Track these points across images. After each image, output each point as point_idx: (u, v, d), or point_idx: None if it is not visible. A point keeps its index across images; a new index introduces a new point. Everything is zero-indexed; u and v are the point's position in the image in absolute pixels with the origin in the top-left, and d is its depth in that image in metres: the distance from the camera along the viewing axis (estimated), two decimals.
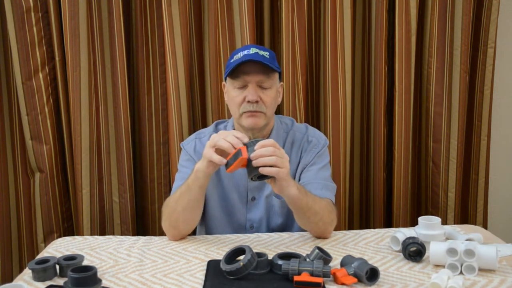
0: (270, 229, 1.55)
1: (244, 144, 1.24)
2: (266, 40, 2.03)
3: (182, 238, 1.44)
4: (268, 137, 1.52)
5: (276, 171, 1.21)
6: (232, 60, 1.45)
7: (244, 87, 1.43)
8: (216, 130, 1.58)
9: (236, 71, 1.41)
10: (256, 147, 1.22)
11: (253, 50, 1.42)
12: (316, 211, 1.35)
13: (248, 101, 1.41)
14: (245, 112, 1.43)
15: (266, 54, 1.44)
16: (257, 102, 1.41)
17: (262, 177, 1.24)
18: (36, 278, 1.15)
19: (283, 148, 1.53)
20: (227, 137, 1.25)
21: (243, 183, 1.53)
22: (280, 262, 1.14)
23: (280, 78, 1.55)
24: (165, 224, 1.43)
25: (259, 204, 1.54)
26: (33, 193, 2.02)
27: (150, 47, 2.00)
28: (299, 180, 1.51)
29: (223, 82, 1.54)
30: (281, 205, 1.52)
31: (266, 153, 1.21)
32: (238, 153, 1.22)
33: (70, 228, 2.07)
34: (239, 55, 1.43)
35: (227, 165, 1.24)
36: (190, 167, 1.51)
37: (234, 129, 1.53)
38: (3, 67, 1.98)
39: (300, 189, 1.32)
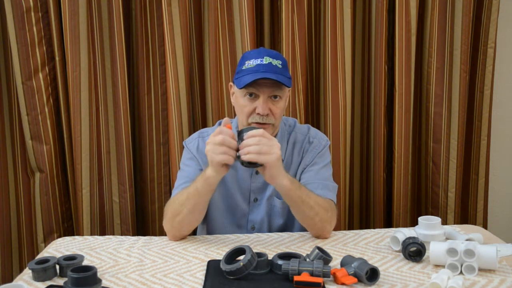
0: (271, 230, 1.55)
1: (238, 132, 1.29)
2: (266, 40, 2.03)
3: (182, 238, 1.44)
4: None
5: (256, 157, 1.23)
6: (243, 68, 1.42)
7: (254, 97, 1.41)
8: None
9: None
10: (244, 137, 1.25)
11: (266, 60, 1.40)
12: (311, 205, 1.35)
13: (258, 113, 1.40)
14: (253, 123, 1.42)
15: (279, 63, 1.41)
16: (267, 115, 1.41)
17: (252, 163, 1.26)
18: (36, 278, 1.15)
19: (286, 149, 1.54)
20: (220, 149, 1.24)
21: (246, 185, 1.53)
22: (280, 262, 1.14)
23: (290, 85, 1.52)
24: (167, 225, 1.42)
25: (261, 205, 1.54)
26: (33, 193, 2.02)
27: (150, 47, 2.00)
28: (300, 180, 1.52)
29: (230, 83, 1.53)
30: (282, 206, 1.52)
31: (251, 142, 1.23)
32: None
33: (70, 228, 2.07)
34: (252, 63, 1.40)
35: None
36: (193, 166, 1.51)
37: (238, 129, 1.53)
38: (3, 67, 1.98)
39: (294, 182, 1.33)
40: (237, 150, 1.26)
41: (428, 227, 1.28)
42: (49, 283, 1.14)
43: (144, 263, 1.26)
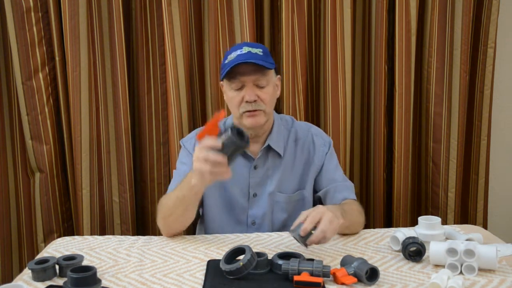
0: (273, 225, 1.56)
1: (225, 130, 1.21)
2: (266, 40, 2.03)
3: (177, 234, 1.47)
4: (269, 133, 1.54)
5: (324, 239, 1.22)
6: (226, 61, 1.46)
7: (241, 87, 1.44)
8: None
9: (231, 73, 1.42)
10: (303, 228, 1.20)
11: (245, 49, 1.44)
12: (352, 223, 1.41)
13: (247, 101, 1.43)
14: (245, 112, 1.45)
15: (259, 51, 1.44)
16: (255, 101, 1.43)
17: None
18: (36, 278, 1.15)
19: (286, 145, 1.54)
20: (207, 158, 1.17)
21: (245, 180, 1.54)
22: (280, 262, 1.14)
23: (277, 72, 1.56)
24: (160, 223, 1.46)
25: (261, 200, 1.54)
26: (33, 193, 2.02)
27: (150, 47, 2.00)
28: (314, 184, 1.57)
29: (221, 82, 1.54)
30: (287, 201, 1.54)
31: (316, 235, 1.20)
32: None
33: (70, 228, 2.07)
34: (232, 55, 1.44)
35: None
36: (189, 164, 1.51)
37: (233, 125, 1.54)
38: (3, 67, 1.98)
39: (343, 213, 1.31)
40: (228, 157, 1.17)
41: (428, 227, 1.28)
42: (48, 283, 1.13)
43: (143, 263, 1.26)
